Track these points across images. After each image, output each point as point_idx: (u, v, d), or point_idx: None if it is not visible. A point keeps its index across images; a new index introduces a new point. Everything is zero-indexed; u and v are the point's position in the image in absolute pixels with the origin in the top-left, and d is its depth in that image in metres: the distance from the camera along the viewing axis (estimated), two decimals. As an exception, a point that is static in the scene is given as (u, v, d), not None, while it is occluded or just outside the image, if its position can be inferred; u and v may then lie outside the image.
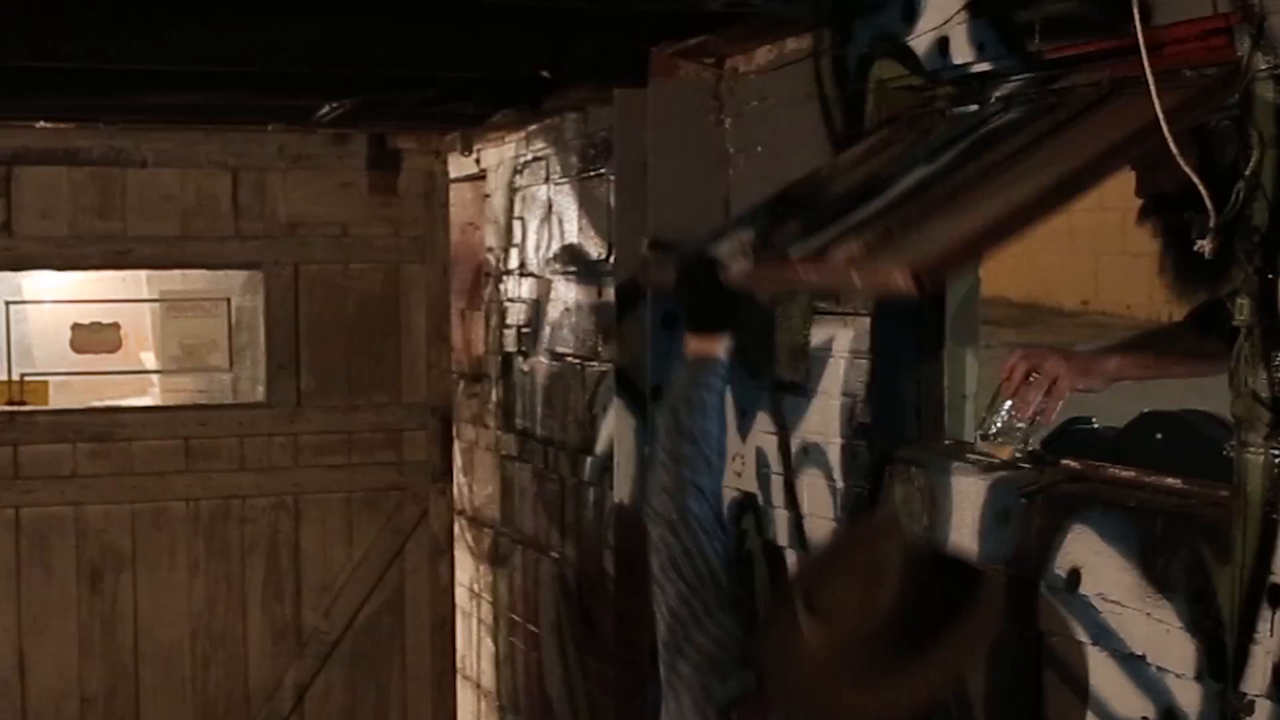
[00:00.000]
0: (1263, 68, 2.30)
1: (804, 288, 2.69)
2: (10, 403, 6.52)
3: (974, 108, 3.18)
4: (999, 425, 2.97)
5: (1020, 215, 2.66)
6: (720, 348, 3.04)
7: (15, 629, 6.20)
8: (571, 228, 5.02)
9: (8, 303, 7.16)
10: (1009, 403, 2.99)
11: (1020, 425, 2.99)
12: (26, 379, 6.73)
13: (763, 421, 3.94)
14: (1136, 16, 2.43)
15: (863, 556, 2.49)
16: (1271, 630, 2.29)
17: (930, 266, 2.45)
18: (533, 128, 5.38)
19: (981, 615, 2.49)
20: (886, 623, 2.39)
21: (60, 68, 4.13)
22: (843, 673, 2.44)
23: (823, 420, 3.61)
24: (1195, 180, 2.45)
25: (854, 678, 2.43)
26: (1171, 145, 2.45)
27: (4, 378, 6.68)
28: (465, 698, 6.53)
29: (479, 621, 6.27)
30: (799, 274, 2.72)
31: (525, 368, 5.54)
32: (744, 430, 4.04)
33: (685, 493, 2.88)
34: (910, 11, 3.20)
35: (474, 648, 6.36)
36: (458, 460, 6.53)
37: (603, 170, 4.71)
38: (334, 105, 5.24)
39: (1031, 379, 3.01)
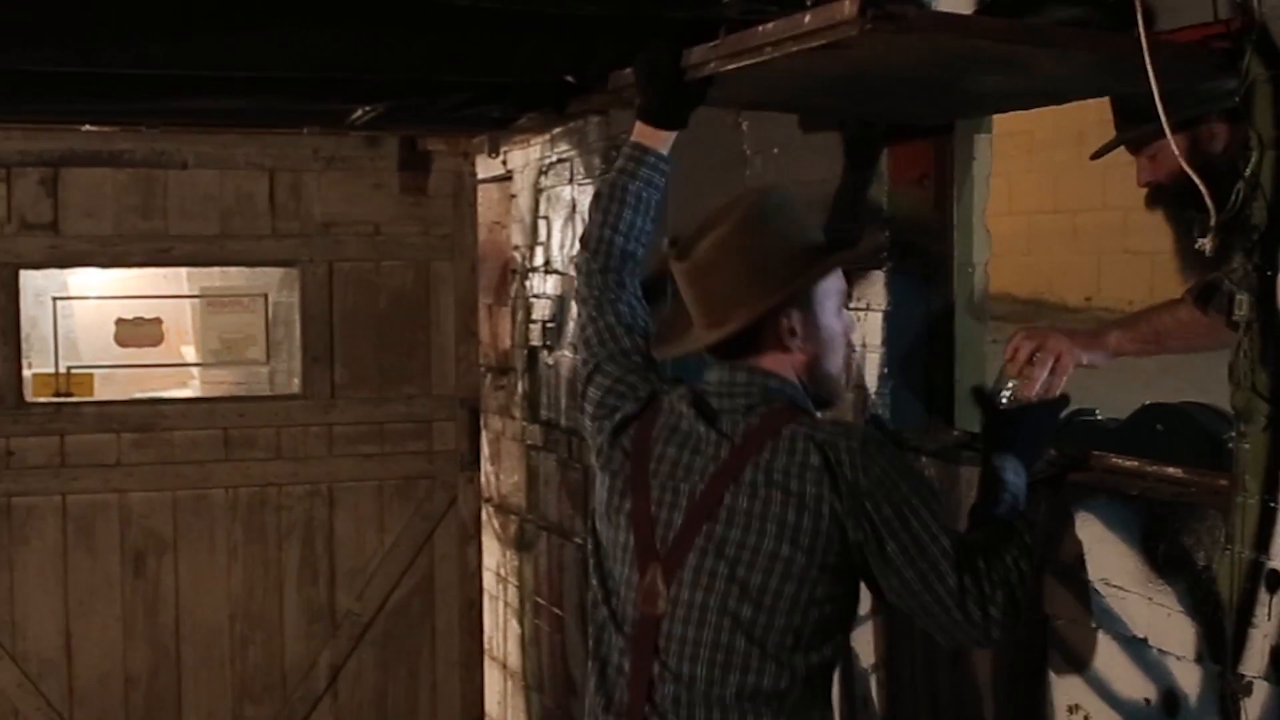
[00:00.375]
0: (1262, 71, 2.30)
1: (762, 48, 2.62)
2: (57, 394, 6.54)
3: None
4: (1004, 403, 2.91)
5: (983, 27, 2.63)
6: (665, 142, 3.03)
7: (62, 611, 6.23)
8: (594, 227, 5.01)
9: (55, 298, 7.20)
10: (1013, 382, 2.94)
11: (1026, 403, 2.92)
12: (73, 371, 6.76)
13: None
14: (1140, 22, 2.42)
15: (725, 206, 2.68)
16: (1269, 614, 2.29)
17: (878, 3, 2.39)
18: (557, 130, 5.38)
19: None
20: (743, 246, 2.60)
21: (105, 73, 4.13)
22: (704, 305, 2.65)
23: (838, 412, 3.61)
24: (1195, 179, 2.45)
25: (712, 306, 2.63)
26: (1172, 144, 2.45)
27: (51, 370, 6.71)
28: (492, 677, 6.54)
29: (505, 604, 6.28)
30: (757, 37, 2.67)
31: (550, 361, 5.54)
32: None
33: (590, 271, 2.97)
34: (921, 18, 3.19)
35: (501, 629, 6.37)
36: (485, 450, 6.54)
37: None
38: (367, 109, 5.24)
39: (1035, 358, 2.97)
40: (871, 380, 3.47)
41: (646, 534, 2.61)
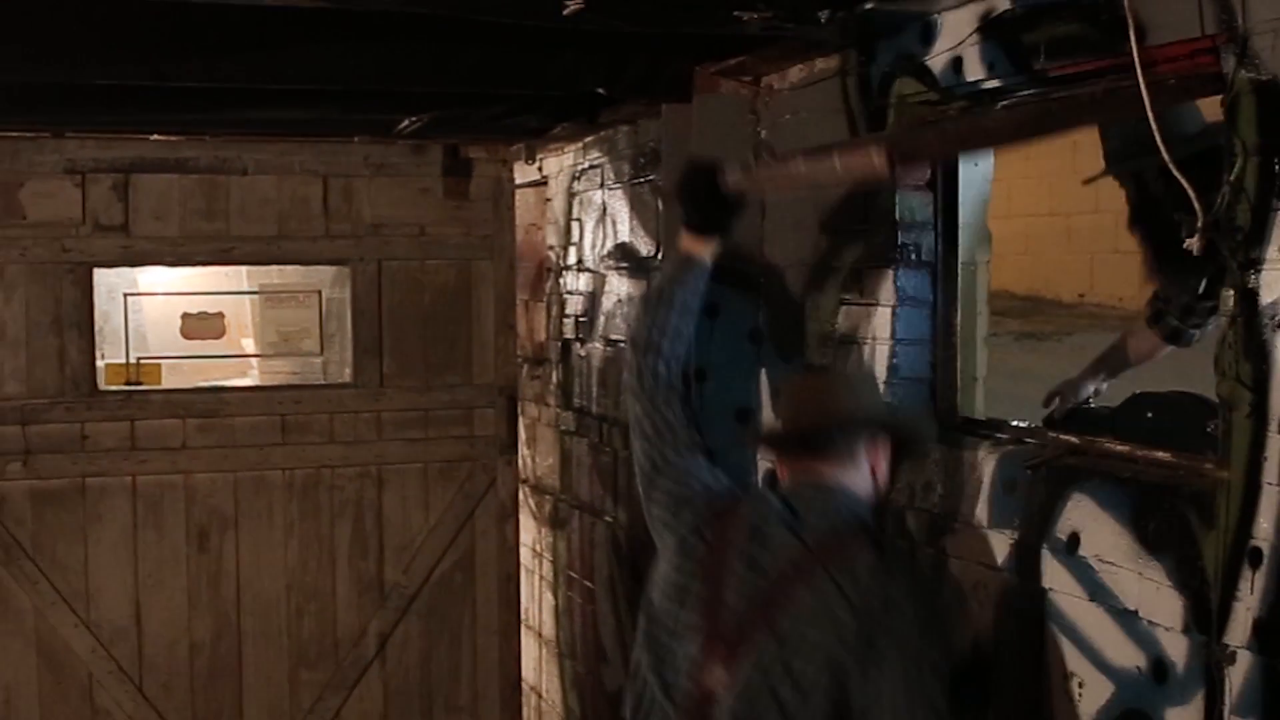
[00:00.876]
0: (1246, 83, 2.29)
1: (796, 182, 2.65)
2: (128, 383, 6.57)
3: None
4: None
5: (993, 131, 2.64)
6: (708, 250, 3.07)
7: (133, 583, 6.26)
8: (623, 228, 5.01)
9: (126, 294, 7.24)
10: None
11: None
12: (142, 361, 6.79)
13: (794, 401, 3.93)
14: (1132, 37, 2.41)
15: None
16: (1251, 588, 2.28)
17: (904, 150, 2.41)
18: (589, 139, 5.38)
19: None
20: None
21: (173, 87, 4.15)
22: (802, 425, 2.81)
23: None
24: (1185, 185, 2.43)
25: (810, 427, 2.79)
26: (1164, 152, 2.43)
27: (123, 361, 6.74)
28: (528, 645, 6.55)
29: (540, 578, 6.28)
30: (790, 169, 2.70)
31: (582, 353, 5.54)
32: (777, 409, 4.03)
33: (642, 370, 3.02)
34: (928, 34, 3.19)
35: (536, 601, 6.38)
36: (522, 435, 6.55)
37: (652, 177, 4.71)
38: (413, 119, 5.25)
39: None
40: (881, 370, 3.46)
41: (714, 617, 2.66)
